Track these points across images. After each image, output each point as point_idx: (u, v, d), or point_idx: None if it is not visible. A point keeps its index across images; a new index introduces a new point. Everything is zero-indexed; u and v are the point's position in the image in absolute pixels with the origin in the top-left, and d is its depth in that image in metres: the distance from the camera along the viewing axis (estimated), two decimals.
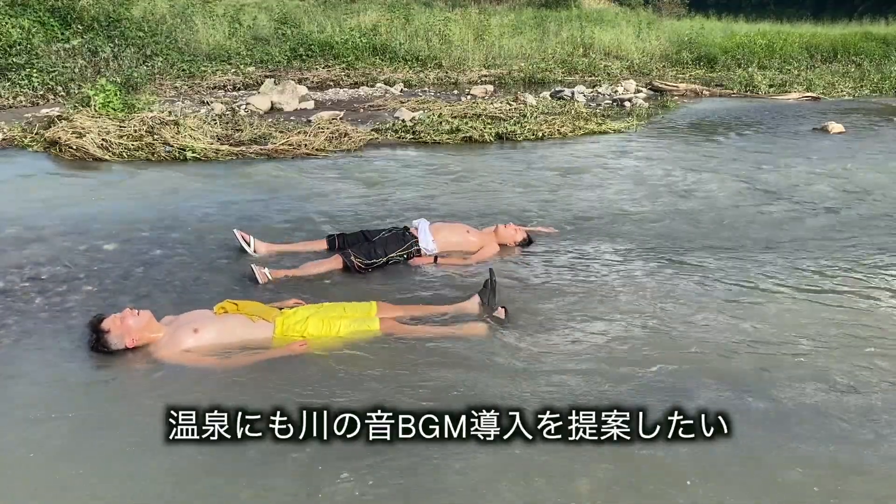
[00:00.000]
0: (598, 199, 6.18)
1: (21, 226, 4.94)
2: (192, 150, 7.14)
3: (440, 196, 6.17)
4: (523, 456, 2.51)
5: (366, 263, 4.34)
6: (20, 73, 10.02)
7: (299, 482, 2.41)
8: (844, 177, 7.15)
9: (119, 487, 2.41)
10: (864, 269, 4.51)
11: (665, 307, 3.89)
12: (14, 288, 3.94)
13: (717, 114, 11.50)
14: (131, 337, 3.20)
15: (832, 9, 31.97)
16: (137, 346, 3.23)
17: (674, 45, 18.00)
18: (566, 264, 4.55)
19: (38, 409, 2.85)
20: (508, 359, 3.28)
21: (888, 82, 15.50)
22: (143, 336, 3.23)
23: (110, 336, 3.19)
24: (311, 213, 5.58)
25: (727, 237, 5.17)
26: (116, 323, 3.20)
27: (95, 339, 3.20)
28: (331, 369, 3.14)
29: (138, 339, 3.22)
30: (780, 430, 2.76)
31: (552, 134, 8.99)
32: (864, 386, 3.09)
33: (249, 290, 3.99)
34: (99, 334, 3.20)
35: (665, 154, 8.21)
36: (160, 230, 4.97)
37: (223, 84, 11.85)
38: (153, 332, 3.27)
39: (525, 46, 16.63)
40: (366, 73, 13.59)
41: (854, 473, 2.53)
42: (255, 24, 14.75)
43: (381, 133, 8.64)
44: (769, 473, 2.51)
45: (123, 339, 3.19)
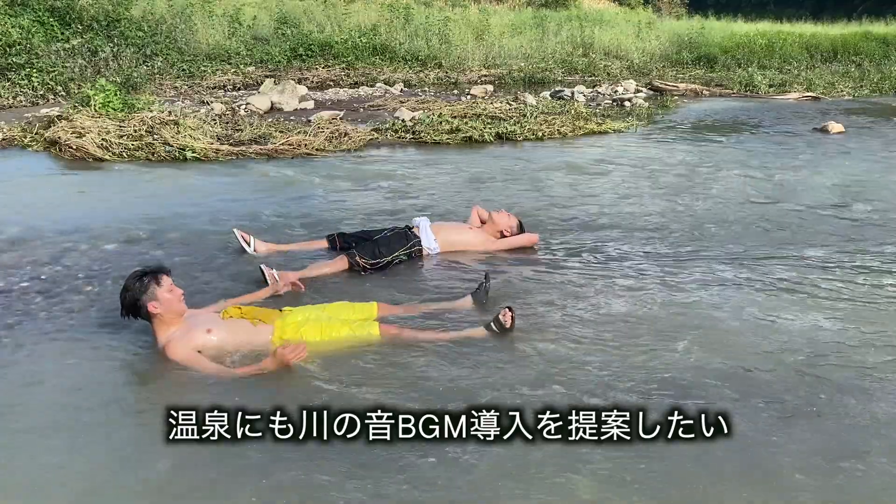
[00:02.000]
0: (597, 199, 6.18)
1: (21, 226, 4.93)
2: (191, 150, 7.14)
3: (440, 196, 6.18)
4: (523, 456, 2.51)
5: (371, 263, 4.35)
6: (20, 73, 10.02)
7: (299, 482, 2.41)
8: (845, 177, 7.15)
9: (119, 487, 2.41)
10: (865, 269, 4.52)
11: (665, 307, 3.89)
12: (14, 288, 3.94)
13: (717, 114, 11.51)
14: (159, 305, 3.21)
15: (832, 8, 32.01)
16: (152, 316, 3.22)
17: (674, 45, 18.01)
18: (566, 264, 4.55)
19: (38, 409, 2.85)
20: (508, 358, 3.28)
21: (888, 82, 15.52)
22: (165, 316, 3.24)
23: (154, 287, 3.20)
24: (311, 212, 5.58)
25: (727, 236, 5.17)
26: (167, 286, 3.23)
27: (141, 277, 3.23)
28: (331, 370, 3.14)
29: (161, 314, 3.23)
30: (781, 430, 2.76)
31: (552, 134, 8.99)
32: (864, 386, 3.09)
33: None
34: (149, 277, 3.23)
35: (665, 154, 8.21)
36: (160, 230, 4.97)
37: (223, 84, 11.84)
38: (174, 321, 3.28)
39: (525, 46, 16.62)
40: (366, 72, 13.58)
41: (854, 472, 2.53)
42: (254, 23, 14.74)
43: (380, 133, 8.64)
44: (769, 473, 2.51)
45: (153, 300, 3.20)
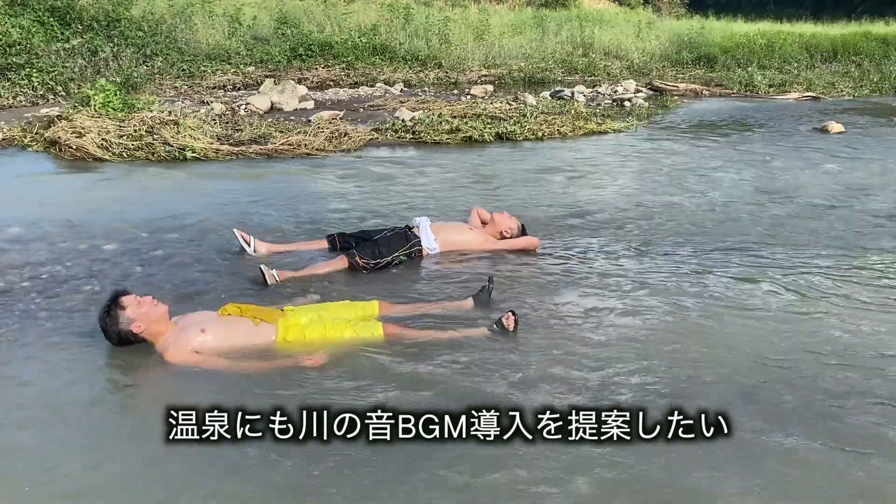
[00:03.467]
0: (597, 199, 6.18)
1: (21, 226, 4.93)
2: (191, 150, 7.14)
3: (440, 195, 6.18)
4: (523, 456, 2.51)
5: (371, 263, 4.35)
6: (20, 73, 10.01)
7: (299, 482, 2.41)
8: (844, 176, 7.15)
9: (119, 487, 2.41)
10: (865, 269, 4.51)
11: (665, 306, 3.89)
12: (14, 288, 3.94)
13: (717, 113, 11.50)
14: (139, 324, 3.13)
15: (832, 8, 31.99)
16: (140, 336, 3.16)
17: (673, 45, 18.00)
18: (566, 264, 4.55)
19: (37, 409, 2.85)
20: (508, 359, 3.27)
21: (888, 82, 15.51)
22: (151, 328, 3.17)
23: (123, 314, 3.11)
24: (311, 212, 5.58)
25: (728, 236, 5.17)
26: (133, 304, 3.13)
27: (107, 311, 3.13)
28: (331, 369, 3.14)
29: (145, 329, 3.15)
30: (781, 429, 2.76)
31: (552, 134, 8.99)
32: (865, 386, 3.09)
33: (250, 289, 3.99)
34: (113, 307, 3.13)
35: (665, 154, 8.21)
36: (160, 230, 4.97)
37: (223, 84, 11.83)
38: (161, 327, 3.21)
39: (525, 46, 16.61)
40: (366, 72, 13.57)
41: (856, 472, 2.53)
42: (254, 23, 14.73)
43: (380, 133, 8.64)
44: (769, 473, 2.51)
45: (131, 323, 3.12)
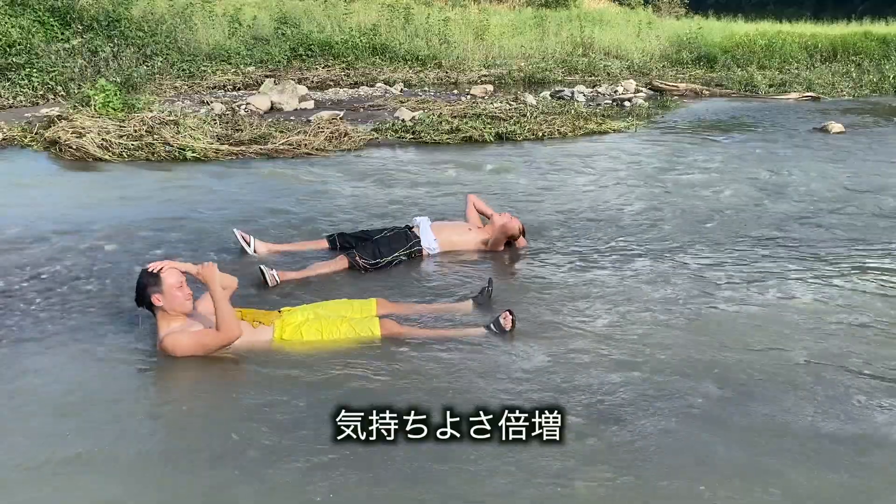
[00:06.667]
0: (597, 199, 6.18)
1: (21, 226, 4.93)
2: (191, 150, 7.14)
3: (440, 195, 6.18)
4: (523, 456, 2.52)
5: (371, 263, 4.36)
6: (20, 73, 9.99)
7: (299, 482, 2.41)
8: (844, 176, 7.15)
9: (119, 487, 2.41)
10: (865, 269, 4.52)
11: (665, 306, 3.89)
12: (14, 288, 3.94)
13: (717, 114, 11.50)
14: (163, 298, 3.23)
15: (832, 9, 31.96)
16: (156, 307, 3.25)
17: (673, 44, 17.99)
18: (565, 264, 4.55)
19: (37, 409, 2.85)
20: (508, 358, 3.28)
21: (888, 82, 15.50)
22: (171, 306, 3.25)
23: (161, 279, 3.23)
24: (311, 212, 5.58)
25: (728, 236, 5.17)
26: (175, 282, 3.25)
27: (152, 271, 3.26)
28: (331, 369, 3.14)
29: (163, 306, 3.25)
30: (782, 429, 2.77)
31: (552, 134, 8.98)
32: (865, 384, 3.10)
33: (250, 289, 3.99)
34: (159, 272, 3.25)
35: (665, 154, 8.20)
36: (160, 230, 4.97)
37: (223, 84, 11.82)
38: (175, 317, 3.29)
39: (525, 46, 16.62)
40: (366, 72, 13.57)
41: (856, 471, 2.53)
42: (254, 23, 14.74)
43: (381, 133, 8.64)
44: (769, 472, 2.51)
45: (158, 292, 3.23)
